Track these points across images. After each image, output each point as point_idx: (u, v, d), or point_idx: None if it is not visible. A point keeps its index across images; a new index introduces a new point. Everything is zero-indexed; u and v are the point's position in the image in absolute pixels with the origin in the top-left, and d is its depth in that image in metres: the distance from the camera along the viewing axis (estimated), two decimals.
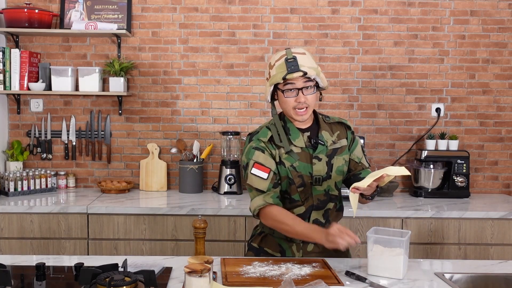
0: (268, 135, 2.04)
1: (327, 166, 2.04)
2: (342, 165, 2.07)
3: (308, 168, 2.02)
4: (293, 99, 1.95)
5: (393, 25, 3.57)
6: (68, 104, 3.60)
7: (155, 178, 3.53)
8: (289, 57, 1.93)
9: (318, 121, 2.09)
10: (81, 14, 3.51)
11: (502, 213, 3.01)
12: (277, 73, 1.94)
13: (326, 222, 2.08)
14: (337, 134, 2.09)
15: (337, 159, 2.06)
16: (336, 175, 2.06)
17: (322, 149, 2.04)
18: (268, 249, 2.12)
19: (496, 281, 1.91)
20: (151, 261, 1.97)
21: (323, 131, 2.06)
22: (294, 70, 1.91)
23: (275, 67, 1.96)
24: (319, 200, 2.05)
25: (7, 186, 3.21)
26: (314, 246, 2.09)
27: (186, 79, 3.59)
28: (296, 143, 2.03)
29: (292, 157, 2.01)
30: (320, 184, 2.03)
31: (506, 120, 3.63)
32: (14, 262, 1.93)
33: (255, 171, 1.99)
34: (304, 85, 1.95)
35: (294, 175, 2.01)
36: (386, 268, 1.82)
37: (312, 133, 2.06)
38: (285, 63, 1.92)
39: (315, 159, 2.02)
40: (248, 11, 3.56)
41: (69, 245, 2.99)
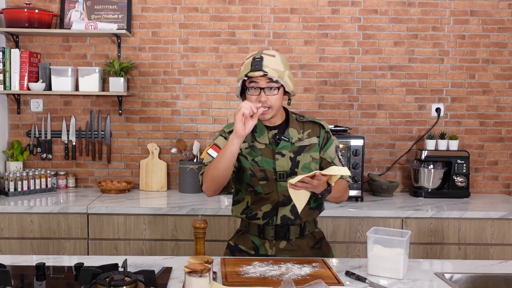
0: (231, 127, 2.08)
1: (291, 162, 2.07)
2: (309, 162, 2.09)
3: (271, 163, 2.06)
4: (254, 97, 1.99)
5: (393, 25, 3.58)
6: (68, 104, 3.60)
7: (155, 178, 3.53)
8: (257, 56, 1.98)
9: (288, 120, 2.13)
10: (81, 14, 3.51)
11: (502, 213, 3.01)
12: (243, 70, 2.00)
13: (295, 218, 2.09)
14: (307, 132, 2.12)
15: (304, 156, 2.09)
16: (301, 172, 2.07)
17: (286, 145, 2.07)
18: (242, 246, 2.14)
19: (496, 281, 1.91)
20: (151, 261, 1.97)
21: (291, 128, 2.10)
22: (256, 69, 1.95)
23: (244, 64, 2.01)
24: (284, 196, 2.06)
25: (7, 186, 3.21)
26: (287, 243, 2.11)
27: (186, 79, 3.59)
28: (260, 139, 2.08)
29: (254, 152, 2.07)
30: (284, 180, 2.06)
31: (506, 120, 3.63)
32: (14, 262, 1.93)
33: (211, 151, 2.06)
34: (267, 85, 1.98)
35: (256, 169, 2.07)
36: (386, 268, 1.82)
37: (280, 130, 2.10)
38: (251, 62, 1.98)
39: (278, 155, 2.06)
40: (248, 11, 3.56)
41: (69, 245, 2.99)
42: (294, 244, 2.11)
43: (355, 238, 3.00)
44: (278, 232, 2.09)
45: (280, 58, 2.02)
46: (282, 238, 2.10)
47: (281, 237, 2.10)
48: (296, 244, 2.11)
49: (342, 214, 2.98)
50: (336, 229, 2.99)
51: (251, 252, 2.12)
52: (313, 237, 2.17)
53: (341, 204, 3.12)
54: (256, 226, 2.12)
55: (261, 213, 2.08)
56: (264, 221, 2.09)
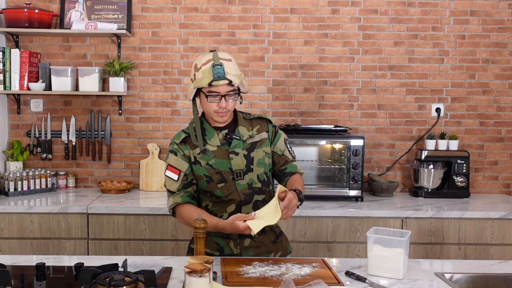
0: (181, 136, 2.11)
1: (246, 160, 2.08)
2: (263, 157, 2.11)
3: (226, 164, 2.06)
4: (215, 104, 1.99)
5: (393, 25, 3.58)
6: (68, 104, 3.60)
7: (155, 178, 3.53)
8: (216, 63, 1.95)
9: (237, 119, 2.14)
10: (81, 14, 3.51)
11: (502, 213, 3.01)
12: (203, 77, 1.96)
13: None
14: (256, 128, 2.14)
15: (257, 152, 2.10)
16: (257, 168, 2.10)
17: (238, 144, 2.08)
18: (207, 249, 2.12)
19: (496, 281, 1.91)
20: (151, 261, 1.97)
21: (240, 126, 2.11)
22: (220, 78, 1.94)
23: (201, 70, 1.97)
24: (245, 194, 2.08)
25: (7, 186, 3.21)
26: (251, 240, 2.11)
27: (186, 79, 3.59)
28: (211, 142, 2.08)
29: (207, 156, 2.07)
30: (242, 178, 2.07)
31: (506, 120, 3.63)
32: (14, 262, 1.93)
33: (168, 173, 2.09)
34: (227, 92, 1.98)
35: (211, 172, 2.06)
36: (386, 268, 1.82)
37: (229, 130, 2.11)
38: (211, 69, 1.95)
39: (232, 154, 2.07)
40: (248, 11, 3.56)
41: (69, 245, 2.99)
42: (258, 240, 2.12)
43: (355, 238, 3.00)
44: None
45: (234, 60, 2.03)
46: (246, 236, 2.10)
47: (245, 235, 2.08)
48: (259, 240, 2.13)
49: (342, 214, 2.98)
50: (336, 229, 2.99)
51: (216, 254, 2.12)
52: (273, 232, 2.20)
53: (341, 204, 3.12)
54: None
55: (226, 215, 2.09)
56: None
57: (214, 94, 1.97)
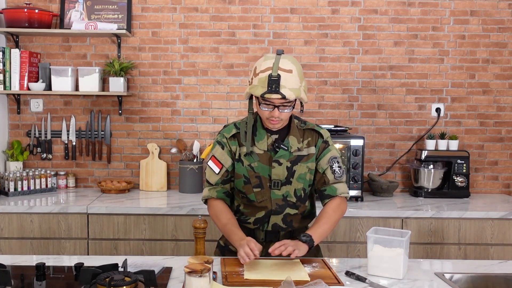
0: (232, 131, 2.08)
1: (287, 172, 2.02)
2: (305, 173, 2.05)
3: (267, 170, 2.02)
4: (267, 112, 1.93)
5: (393, 25, 3.57)
6: (68, 104, 3.60)
7: (155, 178, 3.53)
8: (274, 74, 1.85)
9: (290, 126, 2.06)
10: (81, 14, 3.51)
11: (502, 213, 3.01)
12: (258, 85, 1.88)
13: (288, 227, 2.08)
14: (307, 141, 2.06)
15: (300, 166, 2.03)
16: (297, 182, 2.04)
17: (284, 154, 2.02)
18: (232, 246, 2.12)
19: (496, 281, 1.91)
20: (151, 261, 1.97)
21: (291, 136, 2.04)
22: (274, 91, 1.85)
23: (258, 77, 1.89)
24: (278, 204, 2.04)
25: (7, 186, 3.21)
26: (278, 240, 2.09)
27: (186, 79, 3.59)
28: (259, 144, 2.03)
29: (252, 157, 2.03)
30: (278, 188, 2.03)
31: (506, 120, 3.63)
32: (14, 262, 1.93)
33: (211, 163, 2.08)
34: (281, 104, 1.90)
35: (251, 175, 2.03)
36: (386, 268, 1.82)
37: (280, 136, 2.04)
38: (267, 80, 1.86)
39: (275, 163, 2.02)
40: (248, 11, 3.56)
41: (69, 245, 2.99)
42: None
43: (355, 238, 3.00)
44: (268, 235, 2.09)
45: (297, 71, 1.91)
46: (272, 240, 2.09)
47: (271, 239, 2.09)
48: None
49: None
50: (336, 229, 2.99)
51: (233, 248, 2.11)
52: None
53: None
54: (246, 228, 2.10)
55: (252, 219, 2.08)
56: (255, 226, 2.09)
57: (268, 103, 1.90)
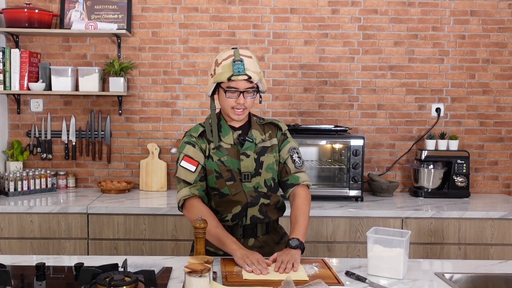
0: (199, 130, 2.11)
1: (255, 163, 2.09)
2: (272, 163, 2.13)
3: (236, 163, 2.07)
4: (233, 100, 2.01)
5: (393, 25, 3.57)
6: (68, 104, 3.60)
7: (155, 178, 3.53)
8: (237, 58, 1.98)
9: (250, 121, 2.15)
10: (81, 14, 3.51)
11: (502, 213, 3.01)
12: (223, 72, 1.98)
13: (265, 217, 2.11)
14: (268, 133, 2.16)
15: (267, 157, 2.12)
16: (265, 173, 2.11)
17: (250, 146, 2.09)
18: (210, 247, 2.11)
19: (496, 281, 1.91)
20: (151, 261, 1.97)
21: (254, 130, 2.13)
22: (239, 73, 1.96)
23: (221, 65, 2.00)
24: (251, 196, 2.08)
25: (7, 186, 3.21)
26: (255, 240, 2.11)
27: (186, 79, 3.59)
28: (225, 140, 2.09)
29: (220, 152, 2.07)
30: (249, 180, 2.08)
31: (506, 120, 3.63)
32: (14, 262, 1.93)
33: (184, 163, 2.07)
34: (245, 88, 2.00)
35: (222, 169, 2.07)
36: (386, 268, 1.82)
37: (243, 131, 2.12)
38: (231, 64, 1.97)
39: (243, 155, 2.08)
40: (248, 11, 3.56)
41: (69, 245, 2.99)
42: (261, 240, 2.13)
43: (355, 238, 3.00)
44: (246, 230, 2.11)
45: (255, 58, 2.04)
46: (250, 236, 2.11)
47: (249, 235, 2.11)
48: (263, 241, 2.13)
49: (342, 214, 2.98)
50: (336, 229, 2.99)
51: (219, 253, 2.10)
52: (277, 233, 2.20)
53: (341, 204, 3.12)
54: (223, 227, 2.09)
55: (230, 215, 2.08)
56: (233, 223, 2.09)
57: (233, 90, 1.99)
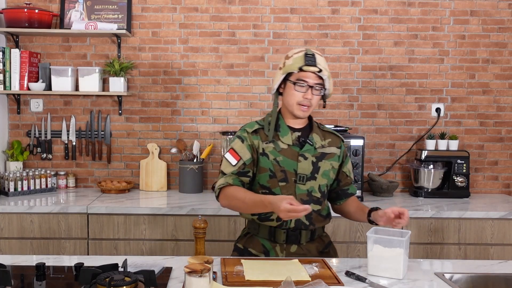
0: (254, 127, 2.09)
1: (312, 167, 2.06)
2: (329, 170, 2.11)
3: (293, 165, 2.04)
4: (301, 94, 2.01)
5: (393, 25, 3.57)
6: (68, 104, 3.60)
7: (155, 178, 3.53)
8: (309, 53, 2.00)
9: (311, 125, 2.14)
10: (81, 14, 3.51)
11: (502, 213, 3.01)
12: (294, 63, 1.99)
13: (310, 224, 2.08)
14: (328, 141, 2.14)
15: (325, 163, 2.09)
16: (321, 178, 2.08)
17: (309, 149, 2.07)
18: (252, 249, 2.11)
19: (496, 281, 1.91)
20: (151, 261, 1.97)
21: (314, 134, 2.11)
22: (311, 64, 1.97)
23: (292, 58, 2.01)
24: (302, 200, 2.04)
25: (7, 186, 3.21)
26: (298, 247, 2.09)
27: (186, 79, 3.59)
28: (283, 139, 2.07)
29: (276, 151, 2.05)
30: (303, 183, 2.05)
31: (506, 120, 3.63)
32: (14, 262, 1.93)
33: (228, 155, 2.06)
34: (314, 84, 2.00)
35: (276, 169, 2.04)
36: (386, 268, 1.82)
37: (303, 134, 2.10)
38: (304, 56, 1.98)
39: (301, 157, 2.05)
40: (248, 11, 3.56)
41: (69, 245, 2.99)
42: (305, 248, 2.10)
43: (355, 238, 3.00)
44: (289, 236, 2.07)
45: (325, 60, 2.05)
46: (293, 242, 2.08)
47: (292, 241, 2.07)
48: (306, 248, 2.10)
49: None
50: (336, 229, 2.99)
51: (261, 256, 2.09)
52: (322, 241, 2.18)
53: None
54: (267, 229, 2.08)
55: (275, 215, 2.03)
56: (277, 223, 2.05)
57: (302, 82, 1.99)
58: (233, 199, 1.98)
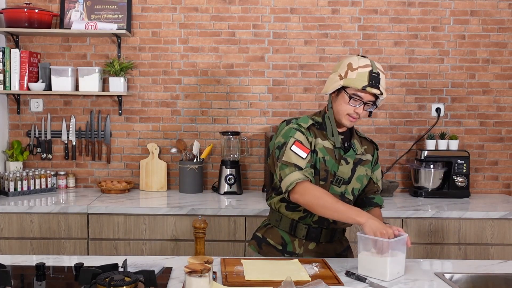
0: (309, 122, 2.07)
1: (351, 172, 2.07)
2: (363, 175, 2.12)
3: (335, 166, 2.05)
4: (353, 107, 1.99)
5: (393, 25, 3.57)
6: (68, 104, 3.60)
7: (155, 178, 3.53)
8: (375, 71, 1.96)
9: (351, 131, 2.15)
10: (81, 14, 3.51)
11: (502, 213, 3.00)
12: (358, 79, 1.95)
13: (333, 222, 2.09)
14: (364, 148, 2.16)
15: (360, 169, 2.11)
16: (355, 182, 2.10)
17: (351, 154, 2.08)
18: (271, 240, 2.13)
19: (496, 281, 1.91)
20: (151, 261, 1.97)
21: (355, 140, 2.13)
22: (375, 86, 1.95)
23: (357, 72, 1.96)
24: None
25: (7, 186, 3.21)
26: (316, 245, 2.10)
27: (186, 79, 3.59)
28: (331, 140, 2.07)
29: (325, 150, 2.05)
30: (339, 186, 2.06)
31: (506, 120, 3.63)
32: (14, 262, 1.93)
33: (295, 148, 1.99)
34: (369, 101, 1.99)
35: (321, 167, 2.04)
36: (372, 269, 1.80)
37: (345, 137, 2.11)
38: (369, 75, 1.95)
39: (343, 161, 2.06)
40: (248, 11, 3.56)
41: (69, 245, 2.99)
42: (323, 247, 2.11)
43: (355, 238, 2.99)
44: (310, 232, 2.08)
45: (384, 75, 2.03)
46: (313, 239, 2.09)
47: (312, 238, 2.09)
48: (324, 248, 2.11)
49: None
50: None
51: (278, 247, 2.11)
52: (341, 243, 2.19)
53: None
54: (289, 221, 2.09)
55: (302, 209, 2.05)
56: (303, 214, 2.05)
57: (358, 98, 1.97)
58: (319, 198, 1.89)
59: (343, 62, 2.02)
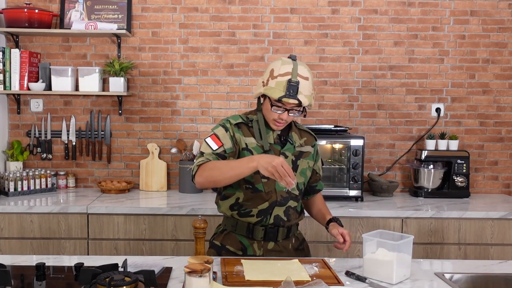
0: (238, 120, 2.10)
1: (292, 165, 2.09)
2: (306, 168, 2.15)
3: None
4: (277, 114, 2.01)
5: (393, 25, 3.58)
6: (68, 104, 3.60)
7: (155, 178, 3.53)
8: (293, 80, 1.94)
9: (290, 124, 2.16)
10: (81, 14, 3.51)
11: (502, 213, 3.01)
12: (276, 89, 1.96)
13: (287, 220, 2.11)
14: (304, 140, 2.18)
15: (303, 162, 2.14)
16: (299, 176, 2.12)
17: (290, 148, 2.11)
18: (230, 246, 2.13)
19: (496, 281, 1.91)
20: (151, 261, 1.97)
21: (293, 132, 2.15)
22: (291, 96, 1.94)
23: (276, 80, 1.97)
24: (282, 196, 2.08)
25: (7, 186, 3.21)
26: (275, 244, 2.11)
27: (186, 79, 3.59)
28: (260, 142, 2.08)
29: (259, 148, 2.06)
30: None
31: (506, 120, 3.63)
32: (14, 262, 1.93)
33: (209, 140, 2.04)
34: (292, 107, 2.00)
35: None
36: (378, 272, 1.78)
37: (282, 132, 2.13)
38: (286, 85, 1.94)
39: (282, 156, 2.07)
40: (248, 11, 3.56)
41: (69, 245, 2.99)
42: (281, 245, 2.13)
43: (355, 238, 3.00)
44: (267, 233, 2.10)
45: (311, 79, 2.01)
46: (271, 239, 2.11)
47: (270, 238, 2.10)
48: (282, 245, 2.13)
49: (342, 214, 2.98)
50: None
51: (239, 253, 2.11)
52: (297, 238, 2.21)
53: (341, 204, 3.12)
54: (245, 225, 2.10)
55: (256, 211, 2.07)
56: (257, 219, 2.07)
57: (280, 106, 1.99)
58: (210, 170, 1.92)
59: (268, 67, 2.04)
